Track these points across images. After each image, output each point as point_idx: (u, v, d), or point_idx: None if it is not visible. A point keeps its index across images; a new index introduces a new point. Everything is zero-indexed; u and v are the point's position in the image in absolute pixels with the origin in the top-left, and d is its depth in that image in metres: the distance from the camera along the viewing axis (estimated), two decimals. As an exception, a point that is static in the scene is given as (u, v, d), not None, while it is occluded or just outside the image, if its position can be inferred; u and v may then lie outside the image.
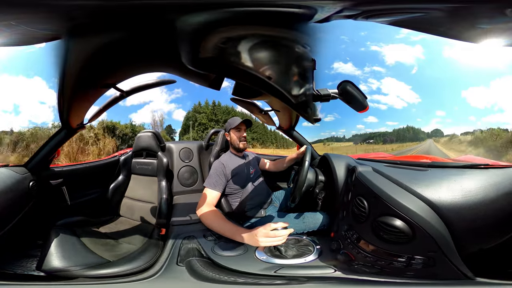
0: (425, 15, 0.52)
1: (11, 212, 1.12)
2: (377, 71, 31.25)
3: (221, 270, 0.93)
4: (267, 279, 0.88)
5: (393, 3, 0.51)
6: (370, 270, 0.86)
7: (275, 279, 0.88)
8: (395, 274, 0.82)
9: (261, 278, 0.89)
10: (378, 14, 0.54)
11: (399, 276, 0.81)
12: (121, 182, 1.99)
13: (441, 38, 0.61)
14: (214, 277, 0.89)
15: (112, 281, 0.95)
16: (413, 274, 0.79)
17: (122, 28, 0.60)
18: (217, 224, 1.14)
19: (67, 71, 0.78)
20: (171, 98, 30.36)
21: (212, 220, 1.16)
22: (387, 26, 0.57)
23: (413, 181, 0.87)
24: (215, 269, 0.94)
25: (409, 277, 0.80)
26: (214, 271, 0.93)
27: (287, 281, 0.87)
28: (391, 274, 0.82)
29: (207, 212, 1.20)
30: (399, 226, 0.79)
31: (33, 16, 0.51)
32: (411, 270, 0.79)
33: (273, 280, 0.88)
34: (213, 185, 1.32)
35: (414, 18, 0.54)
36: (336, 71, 27.39)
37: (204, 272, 0.92)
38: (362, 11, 0.52)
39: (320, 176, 1.26)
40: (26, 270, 1.08)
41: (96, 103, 1.16)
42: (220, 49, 0.56)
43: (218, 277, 0.89)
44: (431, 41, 34.01)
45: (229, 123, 1.56)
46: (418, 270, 0.79)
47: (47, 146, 1.36)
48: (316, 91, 0.79)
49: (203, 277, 0.89)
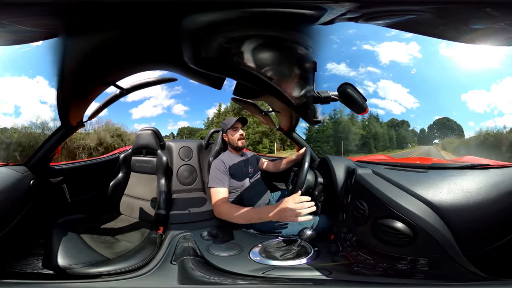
0: (417, 17, 0.52)
1: (13, 211, 1.12)
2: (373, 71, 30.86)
3: (212, 271, 0.93)
4: (258, 280, 0.87)
5: (393, 5, 0.51)
6: (372, 273, 0.85)
7: (266, 281, 0.87)
8: (400, 276, 0.81)
9: (252, 279, 0.88)
10: (378, 16, 0.54)
11: (404, 278, 0.80)
12: (120, 180, 1.99)
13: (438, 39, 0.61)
14: (200, 278, 0.88)
15: (107, 279, 0.95)
16: (418, 275, 0.79)
17: (124, 26, 0.59)
18: (242, 215, 1.11)
19: (66, 68, 0.77)
20: (171, 94, 30.63)
21: (235, 215, 1.13)
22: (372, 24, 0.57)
23: (413, 183, 0.86)
24: (206, 269, 0.94)
25: (415, 279, 0.80)
26: (204, 271, 0.92)
27: (278, 283, 0.86)
28: (395, 276, 0.81)
29: (226, 209, 1.19)
30: (400, 228, 0.78)
31: (28, 14, 0.51)
32: (416, 272, 0.79)
33: (263, 282, 0.87)
34: (220, 183, 1.31)
35: (408, 20, 0.54)
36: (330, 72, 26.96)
37: (194, 273, 0.91)
38: (363, 14, 0.52)
39: (319, 178, 1.26)
40: (29, 268, 1.08)
41: (96, 100, 1.16)
42: (224, 49, 0.56)
43: (207, 278, 0.88)
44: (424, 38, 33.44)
45: (225, 124, 1.56)
46: (423, 272, 0.78)
47: (47, 144, 1.35)
48: (316, 93, 0.78)
49: (191, 279, 0.88)
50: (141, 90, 1.27)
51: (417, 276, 0.79)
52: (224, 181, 1.32)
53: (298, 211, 0.95)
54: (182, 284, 0.87)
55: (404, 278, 0.80)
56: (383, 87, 30.44)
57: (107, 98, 1.27)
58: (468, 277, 0.76)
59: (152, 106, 31.89)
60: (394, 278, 0.81)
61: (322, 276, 0.88)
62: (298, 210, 0.95)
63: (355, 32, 33.14)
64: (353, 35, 32.37)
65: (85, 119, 1.36)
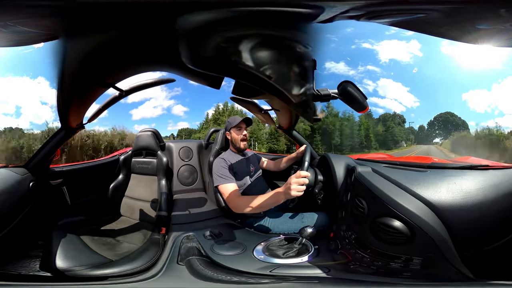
0: (426, 16, 0.52)
1: (12, 213, 1.12)
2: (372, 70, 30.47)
3: (220, 269, 0.94)
4: (263, 278, 0.89)
5: (398, 4, 0.51)
6: (366, 271, 0.86)
7: (271, 278, 0.88)
8: (392, 274, 0.82)
9: (258, 277, 0.89)
10: (382, 15, 0.54)
11: (396, 277, 0.81)
12: (121, 181, 1.99)
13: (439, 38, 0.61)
14: (212, 276, 0.89)
15: (114, 282, 0.96)
16: (410, 275, 0.80)
17: (122, 27, 0.59)
18: (256, 205, 1.11)
19: (66, 70, 0.77)
20: (171, 95, 30.64)
21: (250, 205, 1.13)
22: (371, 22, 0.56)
23: (412, 182, 0.87)
24: (214, 268, 0.95)
25: (407, 278, 0.80)
26: (213, 270, 0.93)
27: (282, 281, 0.87)
28: (387, 274, 0.82)
29: (240, 202, 1.20)
30: (398, 227, 0.79)
31: (29, 16, 0.51)
32: (409, 271, 0.79)
33: (269, 279, 0.88)
34: (226, 179, 1.31)
35: (415, 19, 0.54)
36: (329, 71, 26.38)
37: (204, 271, 0.92)
38: (367, 12, 0.52)
39: (319, 176, 1.26)
40: (28, 270, 1.08)
41: (96, 102, 1.16)
42: (222, 49, 0.56)
43: (216, 276, 0.89)
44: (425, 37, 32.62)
45: (229, 122, 1.56)
46: (416, 271, 0.79)
47: (47, 146, 1.35)
48: (316, 91, 0.79)
49: (203, 276, 0.89)
50: (141, 92, 1.27)
51: (410, 275, 0.79)
52: (229, 176, 1.33)
53: (300, 186, 0.97)
54: (193, 284, 0.87)
55: (398, 277, 0.81)
56: (383, 86, 30.18)
57: (107, 100, 1.27)
58: (457, 278, 0.77)
59: (152, 107, 31.90)
60: (390, 276, 0.82)
61: (322, 274, 0.89)
62: (300, 183, 0.98)
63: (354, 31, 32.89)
64: (352, 33, 32.12)
65: (85, 121, 1.36)
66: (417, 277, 0.79)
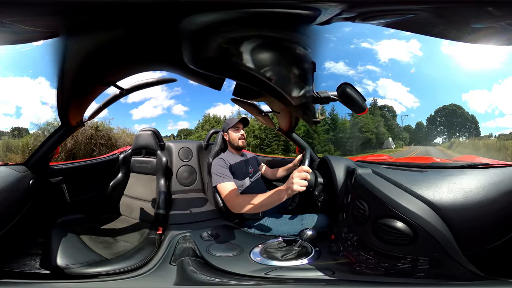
0: (415, 16, 0.52)
1: (12, 210, 1.12)
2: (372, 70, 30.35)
3: (212, 271, 0.93)
4: (258, 281, 0.87)
5: (388, 5, 0.51)
6: (372, 272, 0.85)
7: (267, 281, 0.87)
8: (401, 275, 0.81)
9: (251, 279, 0.87)
10: (375, 16, 0.54)
11: (403, 277, 0.80)
12: (120, 180, 1.99)
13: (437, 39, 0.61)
14: (202, 279, 0.87)
15: (105, 279, 0.95)
16: (419, 275, 0.79)
17: (124, 26, 0.59)
18: (256, 203, 1.09)
19: (66, 68, 0.77)
20: (171, 94, 30.82)
21: (250, 204, 1.11)
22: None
23: (413, 182, 0.86)
24: (207, 270, 0.94)
25: (414, 278, 0.79)
26: (205, 271, 0.92)
27: (279, 284, 0.86)
28: (397, 275, 0.81)
29: (239, 201, 1.18)
30: (400, 227, 0.79)
31: (29, 14, 0.51)
32: (418, 271, 0.79)
33: (264, 282, 0.86)
34: (225, 178, 1.30)
35: (405, 20, 0.54)
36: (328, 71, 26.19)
37: (194, 273, 0.90)
38: (359, 13, 0.52)
39: (319, 178, 1.26)
40: (27, 268, 1.08)
41: (96, 101, 1.16)
42: (223, 50, 0.56)
43: (208, 278, 0.88)
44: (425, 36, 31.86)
45: (226, 123, 1.57)
46: (425, 271, 0.78)
47: (47, 144, 1.35)
48: (315, 93, 0.79)
49: (191, 279, 0.88)
50: (141, 91, 1.27)
51: (418, 276, 0.79)
52: (228, 175, 1.32)
53: (302, 180, 0.97)
54: (180, 284, 0.86)
55: (405, 278, 0.80)
56: (383, 86, 30.14)
57: (107, 98, 1.27)
58: (467, 277, 0.76)
59: (152, 107, 32.05)
60: (396, 277, 0.81)
61: (324, 276, 0.88)
62: (302, 178, 0.97)
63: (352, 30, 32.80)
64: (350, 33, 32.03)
65: (85, 119, 1.36)
66: (428, 277, 0.78)
